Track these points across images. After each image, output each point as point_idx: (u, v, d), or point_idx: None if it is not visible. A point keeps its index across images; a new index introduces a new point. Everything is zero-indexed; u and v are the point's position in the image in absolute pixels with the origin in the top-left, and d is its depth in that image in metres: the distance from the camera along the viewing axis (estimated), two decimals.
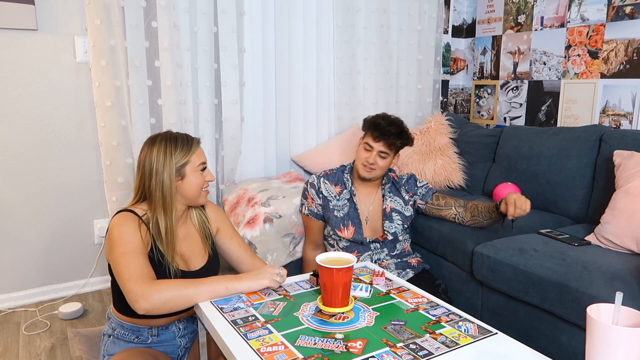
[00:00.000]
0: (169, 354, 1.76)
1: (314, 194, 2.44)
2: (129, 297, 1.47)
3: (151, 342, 1.72)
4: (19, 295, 2.79)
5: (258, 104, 3.18)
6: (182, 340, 1.78)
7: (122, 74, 2.70)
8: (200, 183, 1.69)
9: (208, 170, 1.72)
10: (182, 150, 1.65)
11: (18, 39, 2.58)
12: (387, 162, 2.31)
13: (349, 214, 2.38)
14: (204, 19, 2.85)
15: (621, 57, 2.99)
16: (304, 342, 1.32)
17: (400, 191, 2.35)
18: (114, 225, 1.59)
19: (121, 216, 1.62)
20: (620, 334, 1.04)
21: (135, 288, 1.46)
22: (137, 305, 1.45)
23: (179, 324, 1.77)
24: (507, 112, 3.73)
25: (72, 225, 2.86)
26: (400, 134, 2.29)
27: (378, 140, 2.27)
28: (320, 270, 1.45)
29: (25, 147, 2.68)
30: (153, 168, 1.63)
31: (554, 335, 2.01)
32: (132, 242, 1.55)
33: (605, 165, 2.57)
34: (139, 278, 1.48)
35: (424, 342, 1.33)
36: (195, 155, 1.68)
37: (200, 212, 1.82)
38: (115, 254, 1.53)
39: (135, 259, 1.52)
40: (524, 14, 3.53)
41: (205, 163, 1.71)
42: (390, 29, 3.53)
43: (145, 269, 1.53)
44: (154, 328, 1.71)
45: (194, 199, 1.70)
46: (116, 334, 1.71)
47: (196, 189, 1.68)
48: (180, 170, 1.65)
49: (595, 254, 2.09)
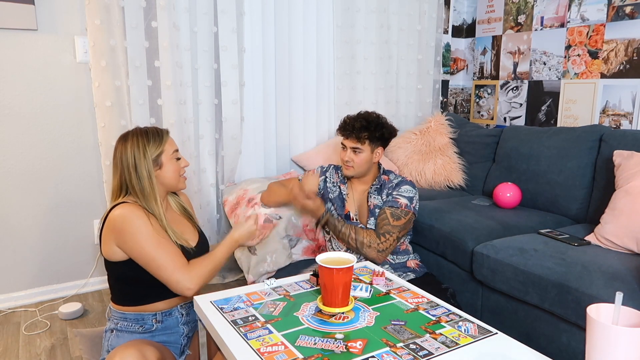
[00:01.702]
0: (173, 343, 1.79)
1: (319, 171, 2.51)
2: (178, 287, 1.64)
3: (155, 330, 1.75)
4: (19, 295, 2.78)
5: (258, 104, 3.17)
6: (185, 328, 1.82)
7: (122, 74, 2.70)
8: (177, 169, 1.81)
9: (182, 157, 1.85)
10: (154, 142, 1.75)
11: (18, 39, 2.57)
12: (364, 157, 2.30)
13: (338, 197, 2.43)
14: (204, 19, 2.85)
15: (621, 57, 2.98)
16: (304, 342, 1.32)
17: (382, 192, 2.33)
18: (129, 217, 1.64)
19: (127, 207, 1.67)
20: (621, 334, 1.04)
21: (182, 278, 1.64)
22: (189, 292, 1.64)
23: (182, 309, 1.81)
24: (507, 112, 3.73)
25: (72, 225, 2.85)
26: (367, 127, 2.28)
27: (347, 137, 2.32)
28: (320, 270, 1.45)
29: (25, 147, 2.67)
30: (131, 163, 1.71)
31: (554, 335, 2.00)
32: (157, 230, 1.67)
33: (605, 165, 2.57)
34: (181, 267, 1.65)
35: (424, 342, 1.33)
36: (167, 145, 1.78)
37: (176, 198, 1.95)
38: (146, 246, 1.63)
39: (169, 248, 1.66)
40: (524, 14, 3.52)
41: (178, 151, 1.83)
42: (390, 29, 3.53)
43: (180, 255, 1.69)
44: (158, 313, 1.75)
45: (174, 185, 1.82)
46: (119, 327, 1.74)
47: (175, 176, 1.80)
48: (157, 160, 1.75)
49: (595, 254, 2.08)
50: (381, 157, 2.38)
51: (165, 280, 1.65)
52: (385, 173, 2.40)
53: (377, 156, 2.34)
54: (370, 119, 2.32)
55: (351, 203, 2.41)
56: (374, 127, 2.30)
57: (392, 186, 2.32)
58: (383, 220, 2.24)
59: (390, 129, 2.37)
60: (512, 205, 2.80)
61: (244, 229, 1.87)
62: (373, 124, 2.31)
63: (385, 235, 2.21)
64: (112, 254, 1.69)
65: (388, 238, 2.21)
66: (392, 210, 2.24)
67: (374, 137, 2.30)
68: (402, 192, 2.29)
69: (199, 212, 2.95)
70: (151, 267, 1.65)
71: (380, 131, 2.31)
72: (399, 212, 2.24)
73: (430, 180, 3.27)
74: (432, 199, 2.98)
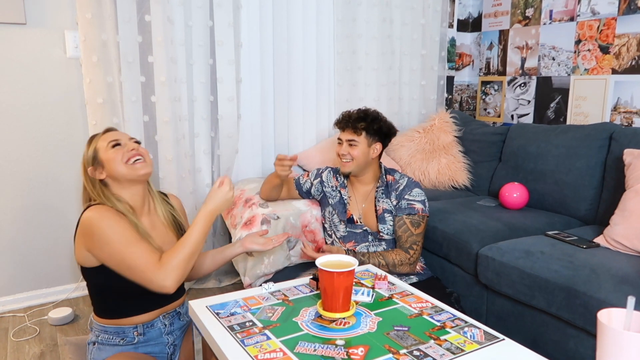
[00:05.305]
0: (157, 353, 1.75)
1: (314, 174, 2.52)
2: (153, 286, 1.56)
3: (137, 343, 1.70)
4: (7, 300, 2.76)
5: (255, 101, 3.14)
6: (169, 338, 1.77)
7: (114, 70, 2.67)
8: (116, 157, 1.66)
9: (124, 143, 1.70)
10: (87, 146, 1.69)
11: (6, 34, 2.55)
12: (360, 150, 2.29)
13: (339, 202, 2.43)
14: (199, 12, 2.82)
15: (633, 52, 2.95)
16: (303, 349, 1.32)
17: (390, 195, 2.32)
18: (96, 218, 1.56)
19: (96, 208, 1.59)
20: (633, 340, 1.03)
21: (155, 276, 1.55)
22: (165, 289, 1.56)
23: (164, 319, 1.76)
24: (515, 110, 3.70)
25: (62, 227, 2.82)
26: (364, 117, 2.30)
27: (343, 129, 2.33)
28: (320, 273, 1.44)
29: (13, 145, 2.65)
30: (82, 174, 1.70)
31: (562, 340, 2.00)
32: (126, 229, 1.58)
33: (615, 165, 2.55)
34: (153, 265, 1.56)
35: (428, 349, 1.32)
36: (100, 141, 1.68)
37: (163, 202, 1.84)
38: (115, 247, 1.55)
39: (139, 246, 1.57)
40: (532, 7, 3.49)
41: (117, 140, 1.69)
42: (392, 23, 3.49)
43: (152, 252, 1.59)
44: (139, 326, 1.70)
45: (125, 174, 1.67)
46: (100, 339, 1.70)
47: (118, 165, 1.65)
48: (95, 162, 1.67)
49: (604, 256, 2.07)
50: (379, 153, 2.36)
51: (139, 281, 1.57)
52: (389, 173, 2.38)
53: (374, 152, 2.33)
54: (368, 112, 2.35)
55: (354, 206, 2.41)
56: (371, 119, 2.32)
57: (401, 188, 2.31)
58: (405, 232, 2.26)
59: (389, 125, 2.38)
60: (518, 206, 2.79)
61: (218, 197, 1.68)
62: (370, 116, 2.33)
63: (412, 247, 2.25)
64: (83, 259, 1.64)
65: (416, 249, 2.26)
66: (412, 219, 2.26)
67: (371, 129, 2.30)
68: (415, 196, 2.29)
69: (194, 213, 2.91)
70: (122, 269, 1.57)
71: (377, 124, 2.33)
72: (418, 218, 2.27)
73: (434, 180, 3.25)
74: (436, 199, 2.97)
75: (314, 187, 2.49)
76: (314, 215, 2.55)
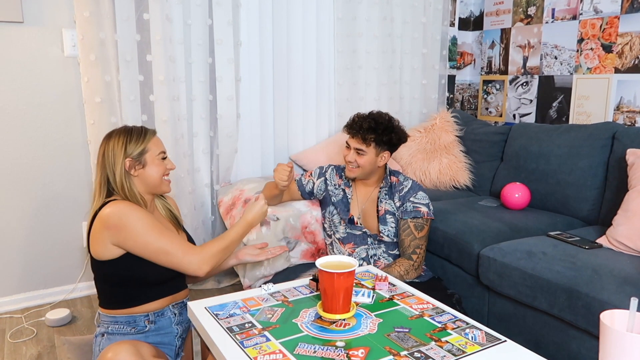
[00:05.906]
0: (167, 344, 1.79)
1: (317, 174, 2.48)
2: (190, 267, 1.69)
3: (148, 331, 1.75)
4: (4, 301, 2.75)
5: (255, 100, 3.14)
6: (178, 328, 1.82)
7: (112, 69, 2.66)
8: (162, 171, 1.79)
9: (169, 159, 1.84)
10: (137, 140, 1.75)
11: (3, 32, 2.53)
12: (367, 159, 2.25)
13: (342, 200, 2.41)
14: (198, 10, 2.81)
15: (636, 51, 2.93)
16: (303, 350, 1.32)
17: (394, 196, 2.31)
18: (125, 211, 1.64)
19: (120, 203, 1.67)
20: (636, 342, 1.03)
21: (193, 259, 1.69)
22: (201, 271, 1.70)
23: (174, 308, 1.81)
24: (517, 109, 3.69)
25: (59, 228, 2.81)
26: (375, 128, 2.22)
27: (352, 136, 2.27)
28: (320, 274, 1.44)
29: (9, 145, 2.63)
30: (112, 161, 1.72)
31: (564, 342, 1.99)
32: (154, 220, 1.69)
33: (618, 165, 2.55)
34: (190, 249, 1.70)
35: (429, 351, 1.32)
36: (152, 144, 1.77)
37: (163, 201, 1.93)
38: (150, 237, 1.64)
39: (172, 235, 1.71)
40: (534, 5, 3.47)
41: (165, 153, 1.82)
42: (393, 21, 3.47)
43: (185, 239, 1.75)
44: (150, 314, 1.75)
45: (156, 186, 1.80)
46: (110, 330, 1.74)
47: (158, 177, 1.78)
48: (140, 158, 1.74)
49: (607, 257, 2.07)
50: (387, 160, 2.32)
51: (176, 265, 1.69)
52: (393, 174, 2.37)
53: (382, 160, 2.30)
54: (380, 121, 2.26)
55: (354, 206, 2.39)
56: (382, 130, 2.24)
57: (405, 190, 2.30)
58: (408, 236, 2.25)
59: (401, 134, 2.31)
60: (520, 206, 2.78)
61: (256, 209, 1.88)
62: (382, 127, 2.24)
63: (415, 251, 2.24)
64: (103, 253, 1.67)
65: (419, 253, 2.24)
66: (416, 222, 2.25)
67: (380, 140, 2.25)
68: (420, 199, 2.28)
69: (192, 213, 2.90)
70: (159, 257, 1.67)
71: (388, 135, 2.25)
72: (422, 221, 2.26)
73: (435, 180, 3.24)
74: (437, 199, 2.95)
75: (317, 187, 2.46)
76: (314, 216, 2.53)
